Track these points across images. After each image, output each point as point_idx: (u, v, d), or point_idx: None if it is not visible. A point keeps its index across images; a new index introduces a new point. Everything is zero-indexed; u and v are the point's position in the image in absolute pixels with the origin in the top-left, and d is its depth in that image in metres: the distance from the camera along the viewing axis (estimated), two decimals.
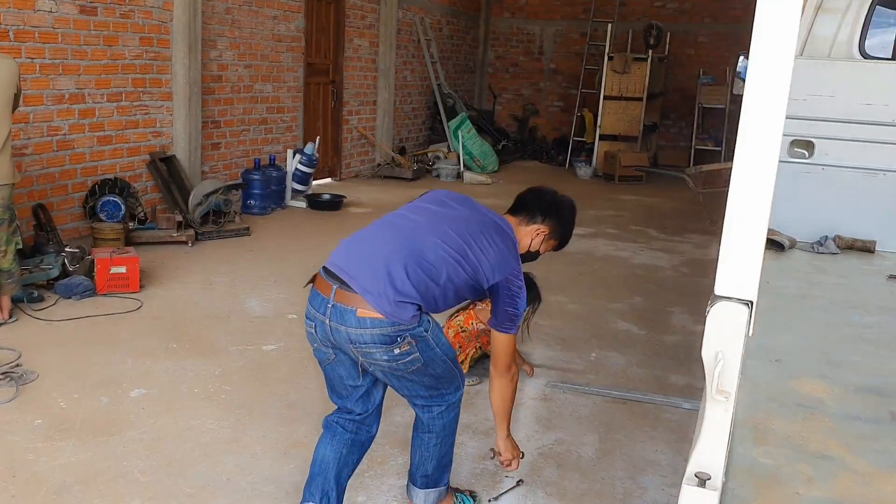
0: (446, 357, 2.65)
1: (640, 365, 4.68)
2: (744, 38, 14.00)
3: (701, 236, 8.43)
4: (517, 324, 2.74)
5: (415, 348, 2.53)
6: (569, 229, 2.98)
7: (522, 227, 2.86)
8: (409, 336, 2.50)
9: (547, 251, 2.99)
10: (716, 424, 1.20)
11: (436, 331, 2.61)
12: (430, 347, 2.57)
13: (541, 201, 2.90)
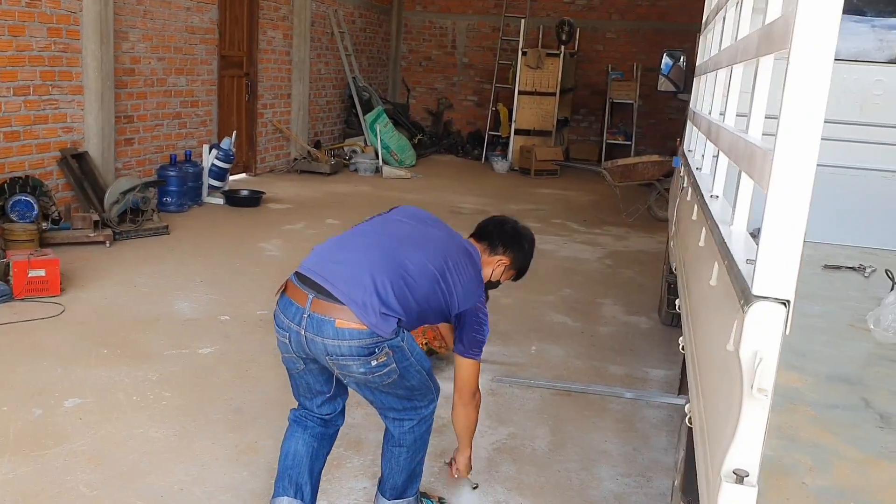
0: (421, 367, 2.61)
1: (580, 357, 4.76)
2: (651, 34, 14.43)
3: (619, 228, 8.65)
4: (482, 350, 2.75)
5: (391, 359, 2.48)
6: (528, 262, 2.98)
7: (486, 255, 2.85)
8: (386, 347, 2.45)
9: (506, 281, 2.99)
10: (753, 422, 1.23)
11: (410, 340, 2.56)
12: (406, 358, 2.53)
13: (503, 232, 2.90)
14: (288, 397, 3.91)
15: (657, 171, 8.87)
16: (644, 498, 3.25)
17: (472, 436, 2.96)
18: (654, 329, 5.34)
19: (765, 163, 1.23)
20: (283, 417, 3.67)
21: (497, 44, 14.55)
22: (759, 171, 1.28)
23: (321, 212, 8.58)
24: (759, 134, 1.77)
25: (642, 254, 7.53)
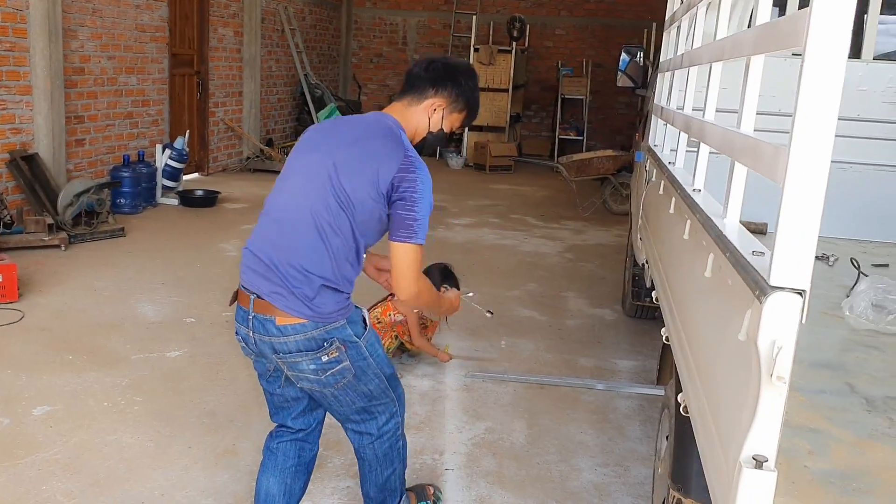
0: (380, 371, 2.42)
1: (549, 350, 4.82)
2: (599, 31, 14.58)
3: (576, 223, 8.75)
4: (417, 232, 2.23)
5: (344, 355, 2.30)
6: (471, 95, 2.45)
7: (413, 107, 2.40)
8: (337, 341, 2.27)
9: (457, 127, 2.52)
10: (771, 408, 1.27)
11: (371, 339, 2.39)
12: (363, 357, 2.34)
13: (429, 73, 2.41)
14: (262, 399, 3.89)
15: (612, 165, 8.99)
16: (623, 487, 3.31)
17: (440, 307, 2.71)
18: (618, 321, 5.43)
19: (778, 158, 1.27)
20: (258, 420, 3.66)
21: (448, 40, 14.57)
22: (769, 167, 1.32)
23: None
24: (750, 129, 1.82)
25: (601, 247, 7.64)
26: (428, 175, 2.28)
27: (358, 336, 2.34)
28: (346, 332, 2.30)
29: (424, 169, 2.28)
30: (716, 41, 2.34)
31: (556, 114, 14.02)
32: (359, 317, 2.38)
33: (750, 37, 1.71)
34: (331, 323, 2.26)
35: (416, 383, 4.24)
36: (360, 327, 2.35)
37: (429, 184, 2.27)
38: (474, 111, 2.50)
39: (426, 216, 2.25)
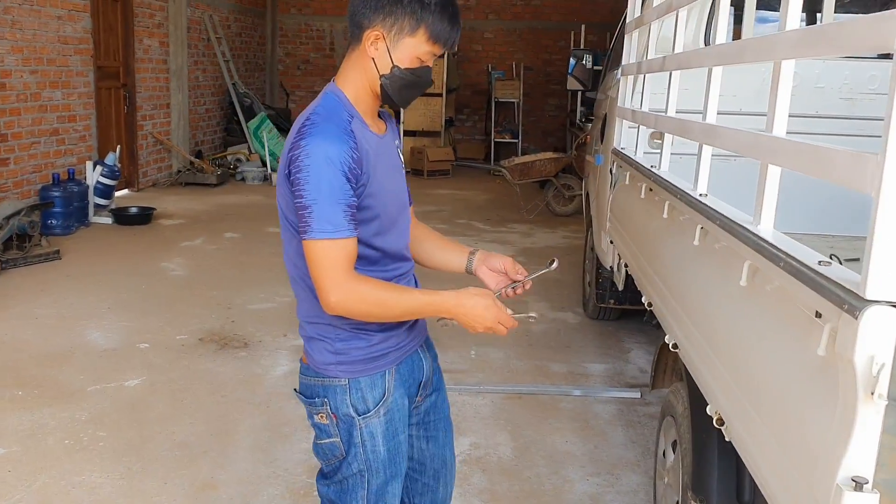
0: (362, 471, 1.85)
1: (520, 357, 4.76)
2: (527, 34, 14.65)
3: (523, 225, 8.74)
4: (310, 223, 1.64)
5: (334, 428, 1.83)
6: (430, 5, 1.69)
7: (352, 56, 1.78)
8: (329, 404, 1.82)
9: (425, 58, 1.75)
10: (870, 428, 1.22)
11: (376, 427, 1.83)
12: (352, 442, 1.83)
13: (365, 2, 1.73)
14: (233, 426, 3.72)
15: (554, 167, 9.02)
16: (617, 496, 3.26)
17: (423, 303, 1.78)
18: (583, 324, 5.41)
19: (867, 167, 1.22)
20: (234, 448, 3.50)
21: None
22: (854, 177, 1.27)
23: (217, 225, 8.23)
24: (783, 133, 1.79)
25: (551, 249, 7.64)
26: (323, 143, 1.63)
27: (357, 411, 1.82)
28: (342, 398, 1.82)
29: (320, 135, 1.64)
30: (720, 43, 2.31)
31: (490, 117, 14.02)
32: (377, 386, 1.84)
33: (784, 38, 1.67)
34: (326, 376, 1.83)
35: None
36: (366, 401, 1.83)
37: (321, 155, 1.62)
38: (448, 36, 1.74)
39: (322, 200, 1.62)
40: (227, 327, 5.07)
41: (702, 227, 2.25)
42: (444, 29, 1.72)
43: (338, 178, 1.63)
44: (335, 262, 1.65)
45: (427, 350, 2.05)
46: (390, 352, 1.87)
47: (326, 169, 1.63)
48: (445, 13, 1.71)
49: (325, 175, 1.63)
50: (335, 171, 1.63)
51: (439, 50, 1.75)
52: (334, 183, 1.63)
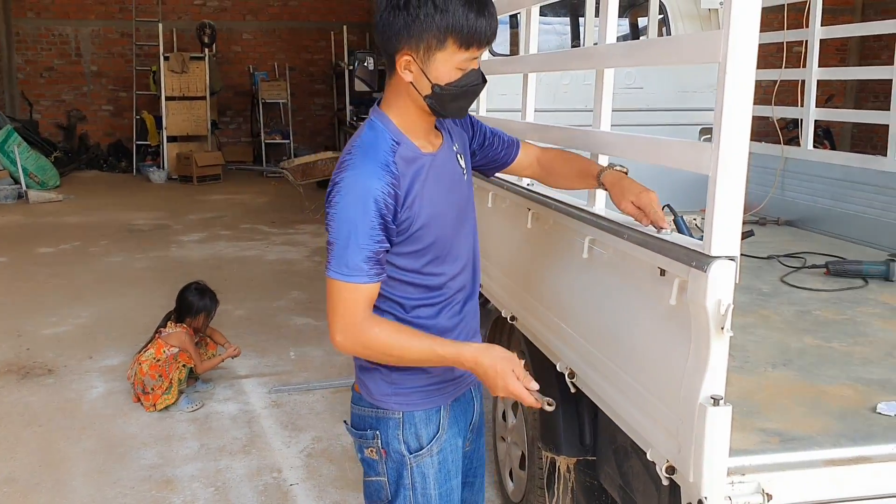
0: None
1: (338, 353, 4.87)
2: (286, 34, 14.62)
3: (310, 226, 8.84)
4: (330, 260, 1.62)
5: (382, 465, 1.77)
6: (449, 10, 1.56)
7: (392, 81, 1.70)
8: (380, 440, 1.76)
9: (465, 68, 1.62)
10: (719, 355, 1.56)
11: (428, 469, 1.77)
12: (402, 483, 1.76)
13: (378, 25, 1.63)
14: (62, 454, 3.56)
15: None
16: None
17: (439, 355, 1.66)
18: None
19: (704, 154, 1.55)
20: (68, 476, 3.36)
21: (130, 49, 13.74)
22: (695, 162, 1.60)
23: None
24: (608, 128, 2.13)
25: None
26: (359, 180, 1.59)
27: (410, 450, 1.76)
28: (393, 433, 1.75)
29: (356, 171, 1.60)
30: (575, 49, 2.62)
31: (257, 119, 13.86)
32: (432, 422, 1.78)
33: (655, 46, 2.00)
34: (380, 407, 1.77)
35: (222, 408, 4.13)
36: (419, 438, 1.76)
37: (354, 193, 1.58)
38: (461, 27, 1.56)
39: (345, 238, 1.58)
40: (23, 356, 4.75)
41: (532, 212, 2.56)
42: (474, 27, 1.57)
43: (366, 221, 1.57)
44: (346, 305, 1.62)
45: (477, 390, 1.96)
46: (447, 385, 1.80)
47: (356, 209, 1.57)
48: (470, 10, 1.56)
49: (352, 216, 1.57)
50: (365, 213, 1.57)
51: (477, 51, 1.62)
52: (360, 226, 1.56)
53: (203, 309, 4.31)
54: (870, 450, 1.71)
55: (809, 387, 2.05)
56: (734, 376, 2.11)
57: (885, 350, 2.32)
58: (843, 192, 3.92)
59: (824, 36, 4.17)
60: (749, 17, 1.46)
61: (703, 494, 1.58)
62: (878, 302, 2.82)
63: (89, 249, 7.58)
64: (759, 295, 2.91)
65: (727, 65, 1.48)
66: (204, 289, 4.39)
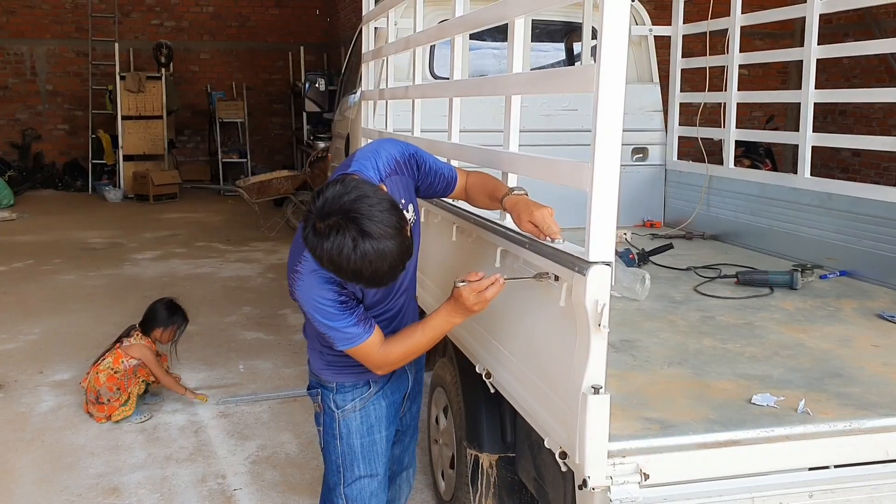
0: (339, 465, 2.29)
1: (287, 365, 5.05)
2: (244, 54, 14.73)
3: (265, 243, 8.95)
4: (333, 339, 2.04)
5: (320, 418, 2.31)
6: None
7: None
8: (320, 397, 2.29)
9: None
10: (599, 349, 1.75)
11: (352, 422, 2.25)
12: (332, 433, 2.28)
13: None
14: (9, 465, 3.65)
15: (291, 185, 9.33)
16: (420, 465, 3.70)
17: (433, 330, 2.08)
18: None
19: (582, 171, 1.76)
20: (16, 485, 3.47)
21: (86, 69, 13.76)
22: (574, 179, 1.81)
23: None
24: (516, 148, 2.34)
25: None
26: (306, 285, 1.99)
27: (337, 406, 2.26)
28: (327, 394, 2.26)
29: (304, 277, 1.99)
30: (471, 79, 2.83)
31: (214, 138, 13.93)
32: (355, 389, 2.24)
33: (545, 77, 2.21)
34: (319, 377, 2.28)
35: (170, 419, 4.24)
36: (346, 399, 2.25)
37: (308, 293, 1.99)
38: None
39: (324, 319, 1.99)
40: None
41: (457, 226, 2.76)
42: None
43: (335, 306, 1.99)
44: (365, 354, 2.06)
45: (411, 364, 2.35)
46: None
47: (311, 300, 1.99)
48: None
49: (310, 303, 1.99)
50: (331, 302, 1.98)
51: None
52: (321, 309, 1.99)
53: (173, 323, 4.44)
54: (739, 434, 1.91)
55: (697, 382, 2.26)
56: (632, 374, 2.33)
57: (772, 350, 2.54)
58: (760, 207, 4.19)
59: (742, 62, 4.43)
60: (616, 55, 1.67)
61: (586, 474, 1.77)
62: (778, 308, 3.06)
63: (42, 268, 7.63)
64: (671, 302, 3.13)
65: (599, 94, 1.69)
66: (177, 305, 4.53)
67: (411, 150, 2.22)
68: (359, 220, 1.76)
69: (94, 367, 4.26)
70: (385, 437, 2.32)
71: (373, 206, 1.78)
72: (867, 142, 4.34)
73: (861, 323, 2.86)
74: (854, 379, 2.28)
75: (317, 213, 1.81)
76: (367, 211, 1.77)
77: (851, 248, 3.56)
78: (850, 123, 10.02)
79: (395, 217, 1.80)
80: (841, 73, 10.10)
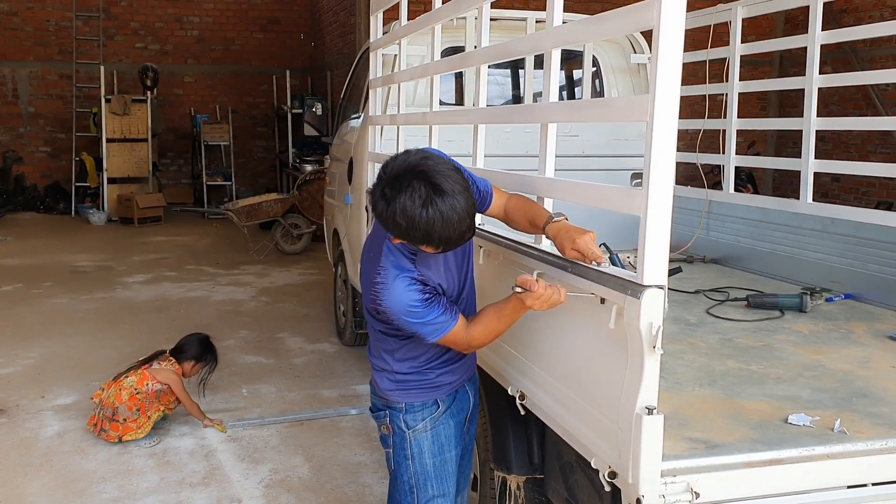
0: (412, 485, 2.32)
1: (291, 389, 5.05)
2: (228, 78, 14.75)
3: (255, 266, 8.93)
4: (425, 334, 2.11)
5: (389, 440, 2.32)
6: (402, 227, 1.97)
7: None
8: (388, 418, 2.30)
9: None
10: (652, 371, 1.80)
11: (423, 441, 2.29)
12: (404, 454, 2.31)
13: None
14: (20, 491, 3.62)
15: (280, 208, 9.34)
16: None
17: (505, 314, 2.13)
18: (341, 351, 5.81)
19: (635, 197, 1.82)
20: None
21: (69, 91, 13.69)
22: (627, 204, 1.87)
23: None
24: (552, 174, 2.40)
25: (291, 286, 7.95)
26: (396, 284, 2.07)
27: (408, 427, 2.29)
28: (396, 415, 2.28)
29: (390, 277, 2.08)
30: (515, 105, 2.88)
31: (199, 161, 13.89)
32: (424, 409, 2.29)
33: (592, 106, 2.27)
34: (386, 398, 2.30)
35: (179, 443, 4.22)
36: (417, 419, 2.29)
37: (396, 291, 2.06)
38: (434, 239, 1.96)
39: (414, 319, 2.07)
40: None
41: (483, 249, 2.80)
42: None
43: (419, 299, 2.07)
44: (453, 340, 2.14)
45: (471, 384, 2.46)
46: (443, 385, 2.31)
47: (397, 303, 2.07)
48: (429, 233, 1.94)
49: (397, 306, 2.07)
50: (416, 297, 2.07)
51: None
52: (409, 308, 2.07)
53: (204, 360, 4.48)
54: (781, 453, 1.97)
55: (731, 403, 2.32)
56: (666, 395, 2.37)
57: (796, 371, 2.61)
58: (761, 231, 4.28)
59: (742, 90, 4.55)
60: (671, 82, 1.74)
61: (640, 493, 1.81)
62: (792, 330, 3.13)
63: (32, 291, 7.55)
64: (687, 325, 3.20)
65: (654, 124, 1.75)
66: (211, 343, 4.59)
67: (447, 157, 2.23)
68: (429, 176, 1.89)
69: (116, 382, 4.24)
70: (454, 456, 2.37)
71: (438, 164, 1.93)
72: (870, 168, 4.45)
73: (875, 345, 2.94)
74: (881, 399, 2.34)
75: (387, 179, 1.92)
76: (434, 167, 1.91)
77: (856, 271, 3.66)
78: (828, 149, 10.23)
79: (460, 176, 1.95)
80: (820, 101, 10.36)
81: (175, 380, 4.26)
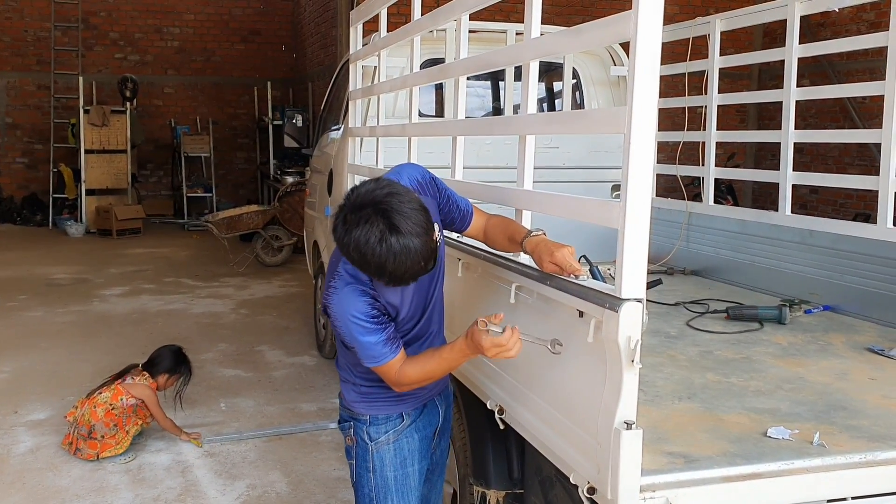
0: (372, 497, 2.29)
1: (269, 403, 4.99)
2: (209, 88, 14.68)
3: (235, 279, 8.86)
4: (362, 356, 2.08)
5: (353, 451, 2.31)
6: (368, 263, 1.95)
7: None
8: (352, 430, 2.29)
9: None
10: (631, 385, 1.78)
11: (385, 455, 2.27)
12: (366, 466, 2.28)
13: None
14: None
15: (261, 220, 9.28)
16: None
17: (445, 361, 2.10)
18: (320, 364, 5.76)
19: (613, 210, 1.81)
20: None
21: (47, 102, 13.58)
22: (606, 218, 1.86)
23: None
24: (530, 186, 2.38)
25: (270, 299, 7.88)
26: (341, 298, 2.03)
27: (371, 439, 2.27)
28: (360, 427, 2.27)
29: (339, 290, 2.04)
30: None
31: (179, 172, 13.79)
32: (388, 421, 2.27)
33: (570, 118, 2.26)
34: (352, 409, 2.29)
35: (155, 459, 4.16)
36: (380, 431, 2.26)
37: (342, 307, 2.02)
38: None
39: (354, 333, 2.02)
40: None
41: (462, 262, 2.78)
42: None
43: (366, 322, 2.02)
44: (387, 373, 2.09)
45: (441, 398, 2.43)
46: (407, 398, 2.26)
47: (345, 320, 2.02)
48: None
49: (344, 322, 2.03)
50: (364, 318, 2.01)
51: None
52: (353, 325, 2.02)
53: (178, 372, 4.41)
54: (760, 467, 1.95)
55: (710, 416, 2.31)
56: (645, 408, 2.35)
57: (775, 384, 2.60)
58: (741, 243, 4.29)
59: (721, 102, 4.57)
60: (648, 93, 1.73)
61: None
62: (771, 342, 3.13)
63: (7, 304, 7.44)
64: (667, 337, 3.19)
65: (631, 136, 1.74)
66: (184, 355, 4.52)
67: (430, 175, 2.28)
68: (389, 214, 1.85)
69: (90, 399, 4.18)
70: (417, 470, 2.34)
71: (403, 202, 1.87)
72: (847, 181, 4.48)
73: (853, 356, 2.94)
74: (859, 412, 2.34)
75: (349, 206, 1.90)
76: (397, 206, 1.86)
77: (834, 283, 3.67)
78: (806, 161, 10.31)
79: (423, 217, 1.89)
80: (798, 113, 10.44)
81: (149, 395, 4.20)
